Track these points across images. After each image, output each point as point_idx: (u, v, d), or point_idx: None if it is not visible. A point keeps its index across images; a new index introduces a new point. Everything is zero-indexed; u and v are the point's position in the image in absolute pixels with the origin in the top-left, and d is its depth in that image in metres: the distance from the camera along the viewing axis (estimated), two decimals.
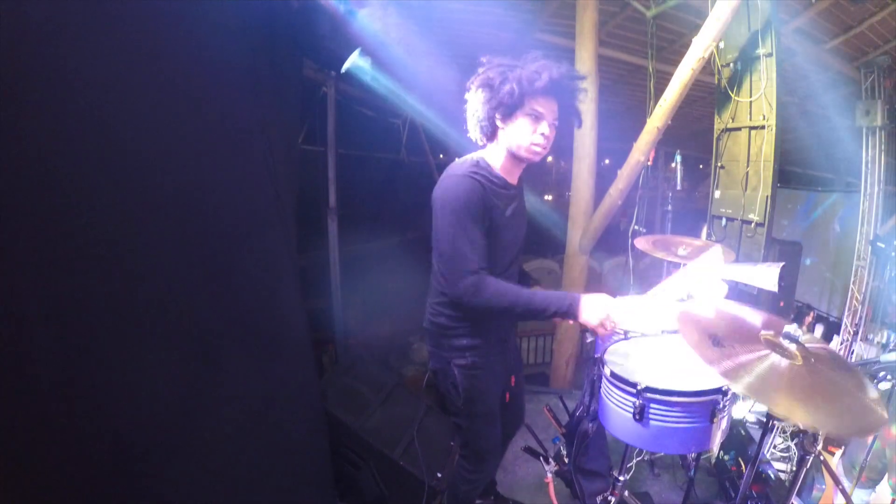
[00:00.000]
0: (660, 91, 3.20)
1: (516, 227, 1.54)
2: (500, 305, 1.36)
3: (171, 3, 1.14)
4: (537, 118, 1.38)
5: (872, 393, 1.13)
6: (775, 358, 1.16)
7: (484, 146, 1.50)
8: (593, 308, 1.36)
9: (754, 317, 1.40)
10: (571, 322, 1.40)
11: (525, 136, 1.39)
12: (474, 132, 1.48)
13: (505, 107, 1.37)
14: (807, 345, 1.24)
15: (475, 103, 1.42)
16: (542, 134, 1.39)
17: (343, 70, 2.02)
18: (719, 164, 3.71)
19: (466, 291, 1.33)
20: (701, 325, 1.25)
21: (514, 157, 1.45)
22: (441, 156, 6.41)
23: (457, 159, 1.50)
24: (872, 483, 1.87)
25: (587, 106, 3.80)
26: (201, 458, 1.19)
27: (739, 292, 3.10)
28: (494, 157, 1.46)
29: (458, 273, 1.34)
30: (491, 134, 1.45)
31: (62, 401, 0.84)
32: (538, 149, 1.41)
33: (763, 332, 1.29)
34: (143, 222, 1.05)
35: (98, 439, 0.90)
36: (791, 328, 1.25)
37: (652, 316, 1.62)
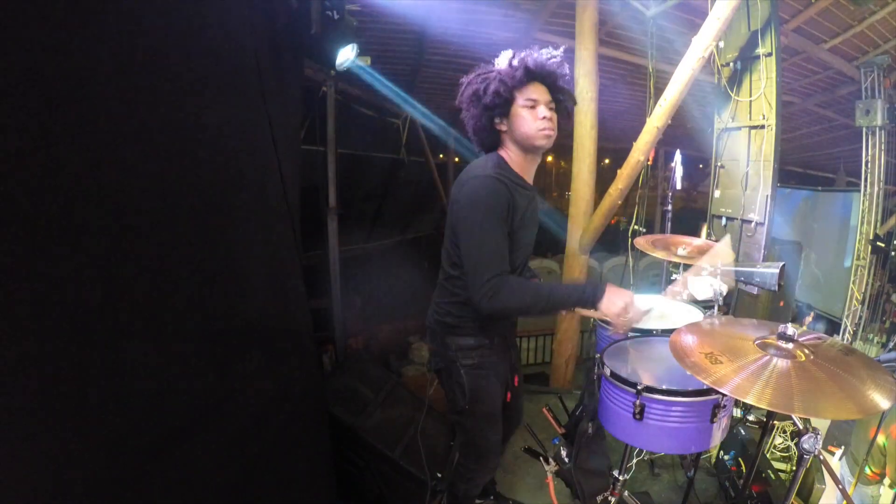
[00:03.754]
0: (660, 91, 3.19)
1: (531, 227, 1.56)
2: (521, 304, 1.36)
3: (173, 3, 1.14)
4: (533, 105, 1.41)
5: (875, 366, 1.14)
6: (778, 361, 1.16)
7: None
8: (615, 296, 1.35)
9: (742, 327, 1.39)
10: (589, 311, 1.38)
11: (529, 124, 1.41)
12: (479, 144, 1.52)
13: (499, 108, 1.40)
14: (801, 339, 1.24)
15: (471, 119, 1.46)
16: (544, 117, 1.41)
17: (339, 68, 2.01)
18: (719, 164, 3.71)
19: (487, 293, 1.32)
20: (694, 349, 1.24)
21: (526, 151, 1.47)
22: (441, 156, 6.41)
23: (473, 160, 1.52)
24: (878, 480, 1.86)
25: (587, 106, 3.79)
26: (204, 456, 1.19)
27: (740, 292, 3.09)
28: (509, 157, 1.48)
29: (482, 276, 1.33)
30: (495, 141, 1.48)
31: (66, 399, 0.84)
32: (547, 132, 1.43)
33: (756, 338, 1.29)
34: (152, 221, 1.05)
35: (100, 437, 0.90)
36: (785, 327, 1.25)
37: (667, 313, 1.62)
